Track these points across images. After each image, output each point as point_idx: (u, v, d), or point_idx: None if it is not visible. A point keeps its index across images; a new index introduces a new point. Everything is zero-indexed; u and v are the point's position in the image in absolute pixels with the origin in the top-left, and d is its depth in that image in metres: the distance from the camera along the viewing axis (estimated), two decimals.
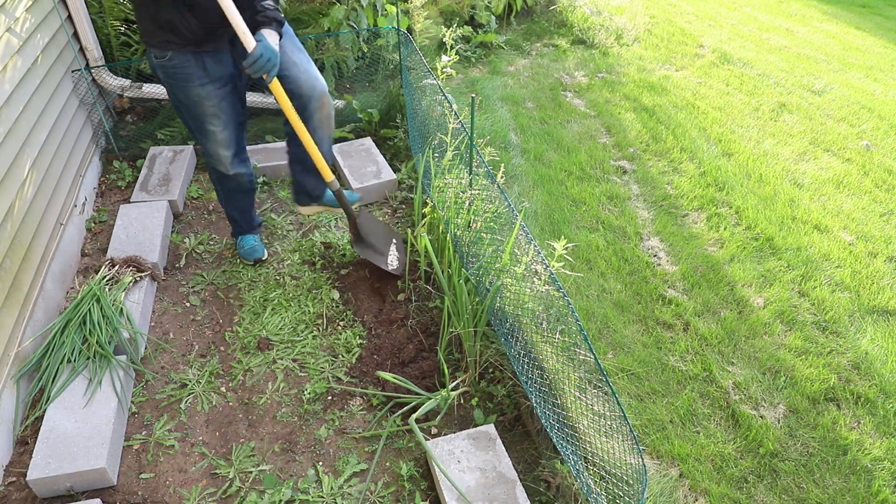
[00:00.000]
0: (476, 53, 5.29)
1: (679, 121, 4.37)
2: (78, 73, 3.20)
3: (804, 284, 2.98)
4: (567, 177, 3.70)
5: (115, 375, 2.19)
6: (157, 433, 2.15)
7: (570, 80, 4.98)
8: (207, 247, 2.99)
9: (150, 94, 3.56)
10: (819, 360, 2.59)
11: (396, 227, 3.17)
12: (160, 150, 3.43)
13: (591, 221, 3.34)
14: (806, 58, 5.75)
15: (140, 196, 3.12)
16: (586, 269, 3.00)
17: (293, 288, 2.76)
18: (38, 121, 2.66)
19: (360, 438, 2.18)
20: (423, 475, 2.06)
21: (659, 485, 2.07)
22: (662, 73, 5.18)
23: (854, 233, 3.36)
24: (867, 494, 2.11)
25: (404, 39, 3.41)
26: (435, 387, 2.33)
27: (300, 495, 1.98)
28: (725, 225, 3.35)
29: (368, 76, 4.07)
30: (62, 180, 2.82)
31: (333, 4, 3.68)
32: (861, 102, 4.84)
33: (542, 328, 2.03)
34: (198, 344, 2.50)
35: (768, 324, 2.75)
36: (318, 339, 2.53)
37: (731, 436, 2.27)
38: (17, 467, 2.02)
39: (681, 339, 2.65)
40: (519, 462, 2.09)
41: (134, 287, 2.55)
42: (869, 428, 2.33)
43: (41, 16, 2.86)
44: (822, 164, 3.98)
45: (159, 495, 1.98)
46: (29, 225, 2.42)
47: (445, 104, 2.57)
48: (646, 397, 2.40)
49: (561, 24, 5.98)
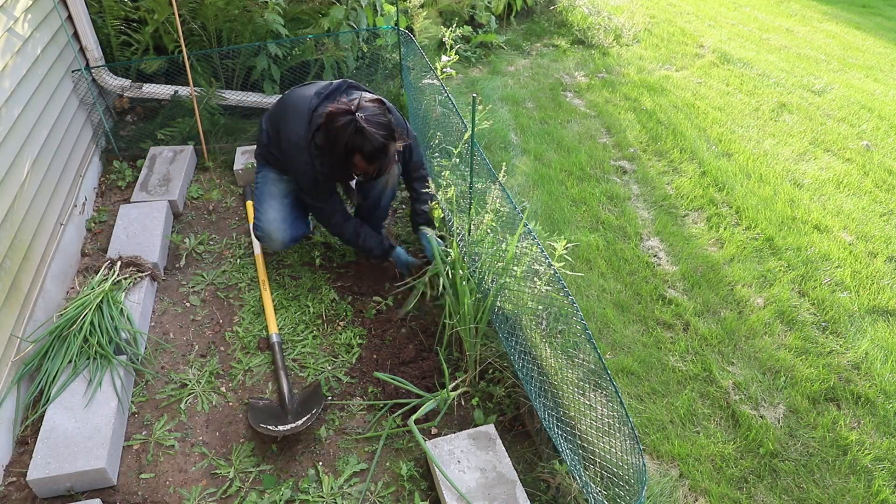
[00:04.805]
0: (476, 53, 5.29)
1: (679, 121, 4.37)
2: (78, 73, 3.20)
3: (804, 284, 2.98)
4: (567, 177, 3.70)
5: (115, 375, 2.19)
6: (157, 433, 2.15)
7: (570, 80, 4.98)
8: (207, 247, 2.99)
9: (150, 94, 3.56)
10: (819, 360, 2.59)
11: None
12: (160, 150, 3.43)
13: (591, 221, 3.34)
14: (806, 58, 5.75)
15: (140, 196, 3.11)
16: (586, 269, 3.00)
17: (293, 288, 2.76)
18: (38, 121, 2.66)
19: (361, 438, 2.17)
20: (423, 475, 2.06)
21: (659, 485, 2.07)
22: (662, 73, 5.17)
23: (854, 233, 3.36)
24: (867, 494, 2.10)
25: (405, 39, 3.41)
26: (435, 387, 2.33)
27: (300, 495, 1.98)
28: (725, 225, 3.35)
29: (368, 76, 4.06)
30: (62, 180, 2.82)
31: (333, 4, 3.68)
32: (861, 102, 4.84)
33: (544, 328, 2.04)
34: (198, 344, 2.50)
35: (768, 324, 2.75)
36: (318, 339, 2.53)
37: (731, 436, 2.27)
38: (18, 467, 2.02)
39: (681, 339, 2.65)
40: (519, 462, 2.09)
41: (134, 287, 2.55)
42: (869, 428, 2.33)
43: (41, 16, 2.86)
44: (822, 164, 3.98)
45: (159, 495, 1.98)
46: (29, 225, 2.41)
47: (449, 104, 2.57)
48: (646, 397, 2.40)
49: (561, 24, 5.98)
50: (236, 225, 3.15)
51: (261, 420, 2.13)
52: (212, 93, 3.53)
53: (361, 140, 2.21)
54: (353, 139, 2.22)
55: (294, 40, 3.67)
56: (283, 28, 3.52)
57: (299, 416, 2.14)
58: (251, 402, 2.23)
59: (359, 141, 2.22)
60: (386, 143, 2.26)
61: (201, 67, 3.60)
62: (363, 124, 2.20)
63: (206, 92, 3.51)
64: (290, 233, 2.66)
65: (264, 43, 3.54)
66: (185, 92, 3.57)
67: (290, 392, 2.26)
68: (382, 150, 2.26)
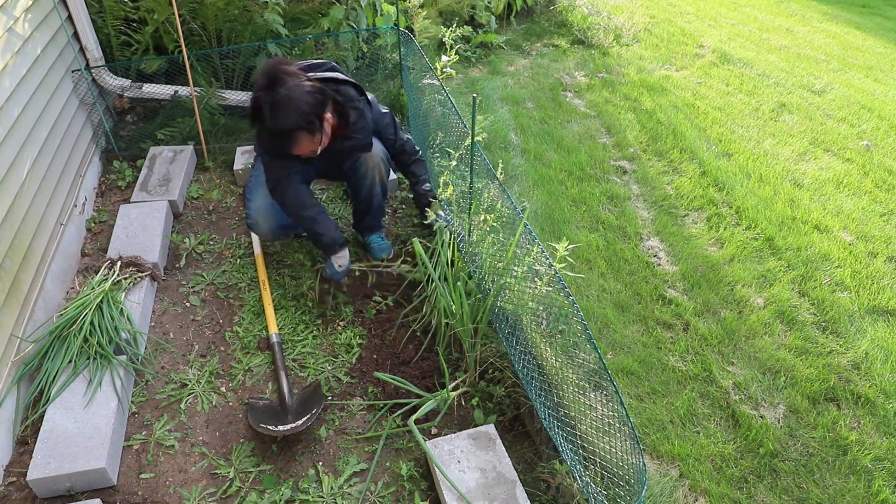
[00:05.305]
0: (476, 53, 5.29)
1: (679, 121, 4.37)
2: (78, 73, 3.20)
3: (804, 284, 2.98)
4: (567, 177, 3.70)
5: (115, 375, 2.19)
6: (157, 433, 2.15)
7: (570, 80, 4.98)
8: (207, 247, 2.99)
9: (150, 94, 3.57)
10: (819, 360, 2.59)
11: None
12: (160, 150, 3.43)
13: (591, 221, 3.34)
14: (806, 58, 5.75)
15: (140, 196, 3.11)
16: (586, 269, 3.00)
17: (293, 288, 2.76)
18: (38, 121, 2.66)
19: (361, 438, 2.17)
20: (423, 475, 2.06)
21: (659, 485, 2.07)
22: (662, 73, 5.18)
23: (854, 233, 3.36)
24: (867, 494, 2.10)
25: (405, 39, 3.41)
26: (435, 387, 2.33)
27: (300, 495, 1.98)
28: (725, 225, 3.35)
29: (368, 76, 4.07)
30: (62, 180, 2.82)
31: (333, 4, 3.68)
32: (861, 102, 4.84)
33: (543, 328, 2.04)
34: (198, 344, 2.50)
35: (768, 324, 2.75)
36: (318, 339, 2.53)
37: (731, 436, 2.27)
38: (18, 467, 2.02)
39: (681, 339, 2.65)
40: (519, 462, 2.09)
41: (134, 287, 2.55)
42: (869, 428, 2.33)
43: (41, 16, 2.86)
44: (822, 164, 3.98)
45: (159, 495, 1.98)
46: (29, 225, 2.41)
47: (448, 104, 2.57)
48: (646, 397, 2.40)
49: (561, 24, 5.98)
50: (236, 225, 3.15)
51: (261, 420, 2.13)
52: (212, 93, 3.53)
53: (257, 111, 2.17)
54: (254, 109, 2.18)
55: (294, 40, 3.67)
56: (283, 28, 3.52)
57: (299, 416, 2.14)
58: (251, 402, 2.23)
59: (255, 111, 2.17)
60: (284, 129, 2.18)
61: (201, 67, 3.60)
62: (263, 97, 2.14)
63: (206, 92, 3.51)
64: (278, 220, 2.65)
65: (264, 43, 3.54)
66: (185, 92, 3.57)
67: (290, 392, 2.26)
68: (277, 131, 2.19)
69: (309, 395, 2.25)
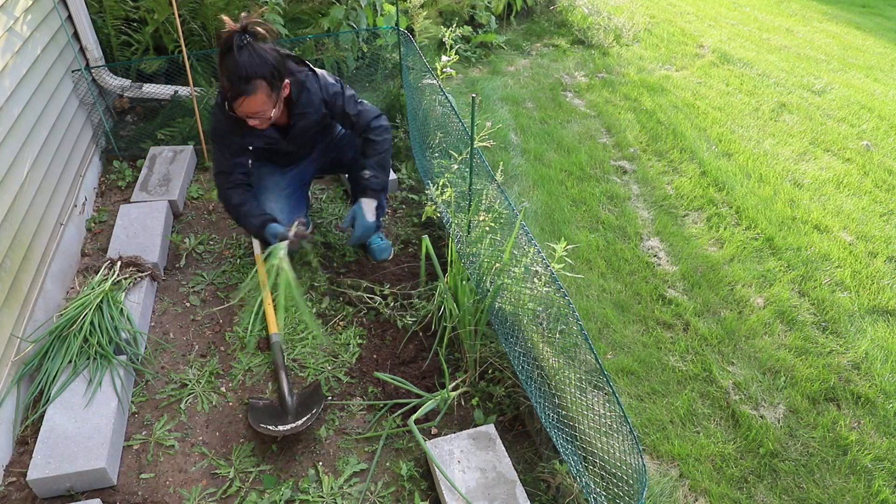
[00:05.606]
0: (476, 53, 5.29)
1: (679, 121, 4.37)
2: (78, 73, 3.20)
3: (804, 284, 2.98)
4: (567, 177, 3.70)
5: (115, 375, 2.19)
6: (157, 433, 2.15)
7: (570, 80, 4.98)
8: (207, 247, 2.99)
9: (150, 94, 3.57)
10: (819, 360, 2.59)
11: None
12: (160, 150, 3.43)
13: (591, 221, 3.34)
14: (806, 58, 5.75)
15: (140, 196, 3.11)
16: (586, 269, 3.00)
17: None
18: (37, 121, 2.66)
19: (361, 438, 2.17)
20: (423, 475, 2.06)
21: (659, 485, 2.07)
22: (662, 73, 5.18)
23: (854, 233, 3.36)
24: (867, 494, 2.11)
25: (405, 39, 3.41)
26: (435, 387, 2.33)
27: (300, 495, 1.98)
28: (725, 225, 3.35)
29: (368, 76, 4.07)
30: (62, 180, 2.82)
31: (333, 4, 3.68)
32: (861, 102, 4.84)
33: (543, 328, 2.04)
34: (198, 344, 2.50)
35: (768, 324, 2.75)
36: (318, 339, 2.53)
37: (731, 436, 2.27)
38: (17, 467, 2.02)
39: (681, 339, 2.65)
40: (519, 462, 2.09)
41: (134, 287, 2.55)
42: (869, 428, 2.33)
43: (41, 16, 2.86)
44: (822, 164, 3.99)
45: (159, 495, 1.98)
46: (29, 225, 2.41)
47: (448, 105, 2.57)
48: (646, 397, 2.40)
49: (561, 24, 5.99)
50: (236, 225, 3.14)
51: (261, 420, 2.13)
52: (212, 93, 3.53)
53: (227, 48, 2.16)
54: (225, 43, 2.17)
55: (294, 40, 3.67)
56: (283, 28, 3.52)
57: (299, 416, 2.14)
58: (251, 402, 2.23)
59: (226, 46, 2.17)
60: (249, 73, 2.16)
61: (201, 67, 3.60)
62: (237, 37, 2.15)
63: (206, 92, 3.51)
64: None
65: None
66: (185, 92, 3.57)
67: (290, 392, 2.26)
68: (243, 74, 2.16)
69: (309, 395, 2.25)
